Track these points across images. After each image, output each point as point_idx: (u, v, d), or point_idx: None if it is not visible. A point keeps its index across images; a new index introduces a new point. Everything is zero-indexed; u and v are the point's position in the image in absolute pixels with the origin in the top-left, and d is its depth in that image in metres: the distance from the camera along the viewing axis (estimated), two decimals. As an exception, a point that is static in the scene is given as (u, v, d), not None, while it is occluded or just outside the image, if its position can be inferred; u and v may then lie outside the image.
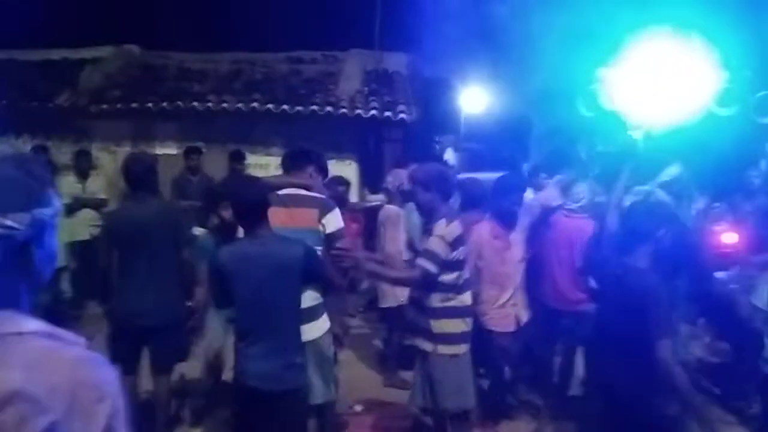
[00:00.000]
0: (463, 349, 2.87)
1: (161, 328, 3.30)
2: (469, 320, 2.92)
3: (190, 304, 3.58)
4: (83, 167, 6.43)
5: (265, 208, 2.50)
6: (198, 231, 3.77)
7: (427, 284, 2.79)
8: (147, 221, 3.28)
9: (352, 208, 5.01)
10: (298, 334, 2.55)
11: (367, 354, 5.03)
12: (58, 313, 5.83)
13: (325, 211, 2.82)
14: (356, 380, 4.28)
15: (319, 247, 2.73)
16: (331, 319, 2.86)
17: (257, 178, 3.06)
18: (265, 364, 2.44)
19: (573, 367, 3.80)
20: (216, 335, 3.59)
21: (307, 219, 2.80)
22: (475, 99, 10.29)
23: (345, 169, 6.60)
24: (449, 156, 9.09)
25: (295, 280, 2.48)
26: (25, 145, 6.93)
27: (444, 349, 2.82)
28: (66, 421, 0.85)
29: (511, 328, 3.48)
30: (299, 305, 2.55)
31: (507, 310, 3.47)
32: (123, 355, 3.21)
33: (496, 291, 3.45)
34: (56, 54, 8.22)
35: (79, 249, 5.96)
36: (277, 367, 2.45)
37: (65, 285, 5.85)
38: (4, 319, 0.88)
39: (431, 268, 2.72)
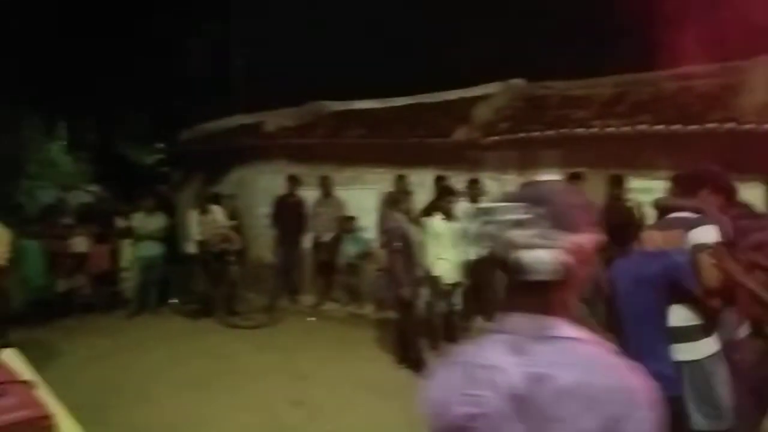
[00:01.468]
0: None
1: None
2: None
3: None
4: (475, 194, 7.33)
5: (629, 229, 2.87)
6: None
7: None
8: None
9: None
10: (662, 346, 2.72)
11: None
12: (449, 324, 6.75)
13: (690, 228, 2.78)
14: None
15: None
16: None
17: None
18: None
19: None
20: None
21: (675, 240, 2.84)
22: None
23: (750, 192, 5.91)
24: None
25: (653, 293, 2.71)
26: (428, 176, 8.25)
27: None
28: (613, 422, 1.00)
29: None
30: (662, 318, 2.72)
31: None
32: None
33: None
34: (453, 95, 9.53)
35: (470, 267, 6.77)
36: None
37: (458, 299, 6.71)
38: (557, 325, 1.10)
39: None
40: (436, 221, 6.38)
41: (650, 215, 4.48)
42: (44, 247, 8.26)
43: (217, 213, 8.71)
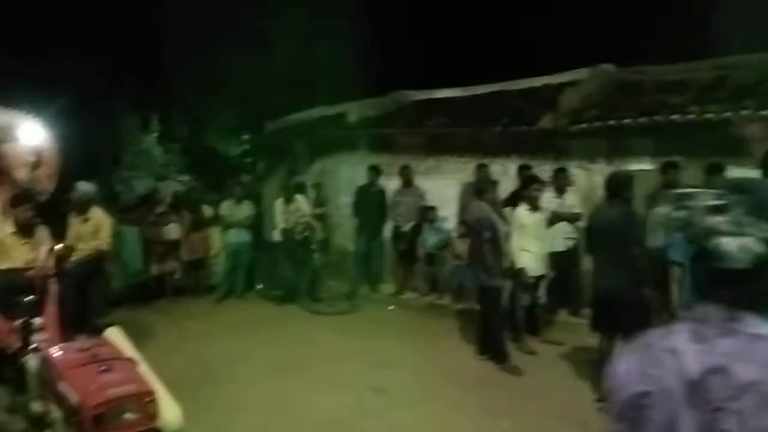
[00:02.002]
0: None
1: (623, 303, 4.51)
2: None
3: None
4: (561, 184, 7.13)
5: None
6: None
7: None
8: (613, 223, 4.74)
9: None
10: None
11: None
12: (532, 317, 6.62)
13: None
14: None
15: None
16: None
17: None
18: None
19: None
20: None
21: None
22: None
23: None
24: None
25: None
26: (512, 165, 8.10)
27: None
28: None
29: None
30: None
31: None
32: (601, 324, 4.89)
33: None
34: (538, 81, 9.29)
35: (555, 259, 6.60)
36: None
37: (542, 291, 6.55)
38: (748, 321, 1.10)
39: None
40: (521, 212, 6.24)
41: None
42: (140, 234, 8.74)
43: (302, 202, 8.92)
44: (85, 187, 6.57)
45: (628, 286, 4.61)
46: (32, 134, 5.82)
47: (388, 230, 9.16)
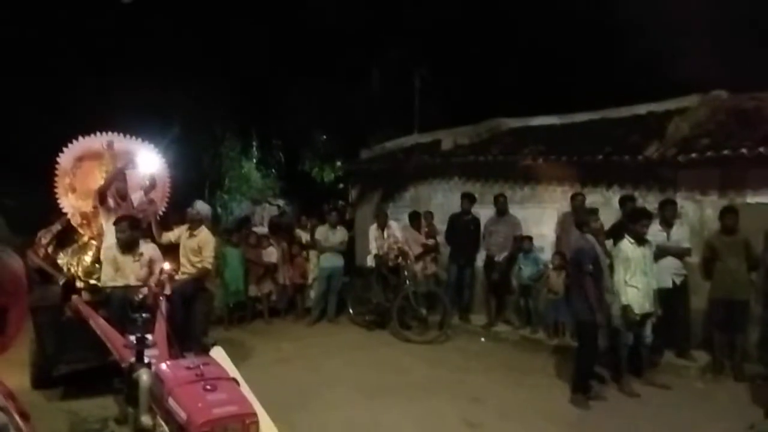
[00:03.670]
0: None
1: None
2: None
3: None
4: (668, 216, 6.77)
5: None
6: None
7: None
8: None
9: None
10: None
11: None
12: (636, 357, 6.26)
13: None
14: None
15: None
16: None
17: None
18: None
19: None
20: None
21: None
22: None
23: None
24: None
25: None
26: (613, 196, 7.80)
27: None
28: None
29: None
30: None
31: None
32: None
33: None
34: (643, 108, 8.93)
35: (662, 296, 6.24)
36: None
37: (648, 330, 6.19)
38: None
39: None
40: (626, 245, 5.97)
41: None
42: (242, 255, 9.07)
43: (395, 229, 8.98)
44: (201, 206, 6.92)
45: None
46: (149, 160, 6.24)
47: (480, 259, 9.01)
